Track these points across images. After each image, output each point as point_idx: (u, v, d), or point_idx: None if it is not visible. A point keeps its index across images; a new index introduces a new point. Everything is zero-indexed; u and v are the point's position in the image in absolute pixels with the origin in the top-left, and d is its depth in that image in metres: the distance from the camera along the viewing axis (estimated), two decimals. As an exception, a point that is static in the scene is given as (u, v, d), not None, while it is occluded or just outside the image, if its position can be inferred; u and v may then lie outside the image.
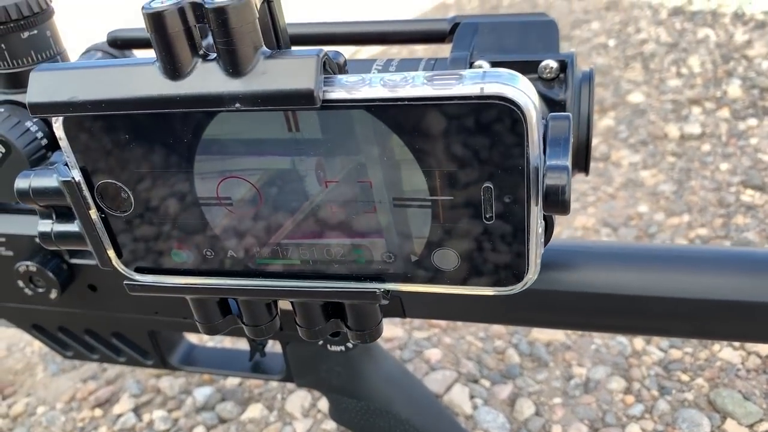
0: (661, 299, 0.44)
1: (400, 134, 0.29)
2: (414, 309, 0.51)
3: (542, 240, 0.32)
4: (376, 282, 0.35)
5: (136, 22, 0.42)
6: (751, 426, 0.71)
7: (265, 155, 0.31)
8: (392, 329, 0.90)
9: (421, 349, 0.86)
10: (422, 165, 0.30)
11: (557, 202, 0.29)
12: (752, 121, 1.29)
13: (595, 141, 1.30)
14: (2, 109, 0.45)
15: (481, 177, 0.30)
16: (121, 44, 0.50)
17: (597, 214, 1.11)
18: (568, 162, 0.29)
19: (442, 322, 0.90)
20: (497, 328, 0.88)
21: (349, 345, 0.55)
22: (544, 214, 0.30)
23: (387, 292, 0.35)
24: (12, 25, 0.44)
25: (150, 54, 0.31)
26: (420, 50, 1.74)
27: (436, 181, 0.30)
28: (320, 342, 0.55)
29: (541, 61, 0.40)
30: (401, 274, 0.34)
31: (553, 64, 0.39)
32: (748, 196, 1.09)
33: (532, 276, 0.32)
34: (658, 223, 1.07)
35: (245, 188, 0.32)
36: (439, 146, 0.29)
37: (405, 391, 0.61)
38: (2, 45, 0.45)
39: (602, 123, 1.40)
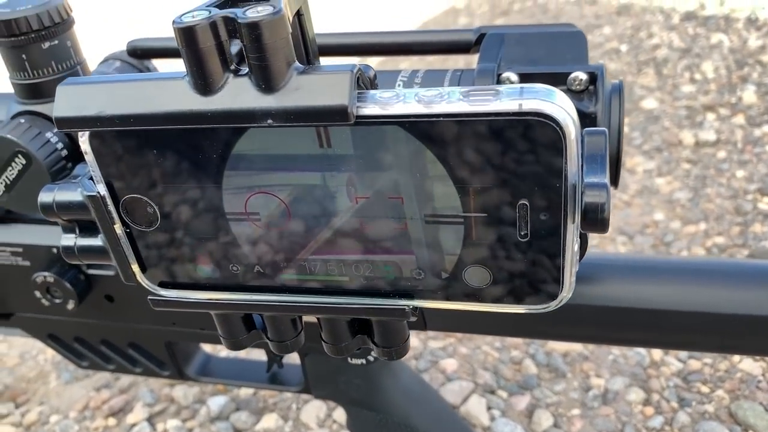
0: (686, 313, 0.43)
1: (434, 150, 0.29)
2: (435, 321, 0.50)
3: (577, 258, 0.31)
4: (405, 299, 0.34)
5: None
6: (773, 439, 0.71)
7: (295, 171, 0.31)
8: (407, 338, 0.89)
9: (437, 359, 0.86)
10: (456, 181, 0.29)
11: (596, 220, 0.28)
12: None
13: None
14: (23, 120, 0.45)
15: (517, 194, 0.29)
16: (140, 54, 0.50)
17: (613, 222, 1.10)
18: (607, 179, 0.28)
19: (458, 333, 0.89)
20: (513, 339, 0.87)
21: (370, 358, 0.54)
22: (580, 232, 0.30)
23: (416, 309, 0.34)
24: (33, 35, 0.44)
25: (168, 64, 0.30)
26: (432, 60, 1.74)
27: (470, 197, 0.30)
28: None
29: (570, 73, 0.39)
30: (431, 291, 0.33)
31: (582, 75, 0.39)
32: (766, 203, 1.08)
33: (566, 294, 0.32)
34: (674, 231, 1.06)
35: (274, 204, 0.32)
36: (473, 162, 0.29)
37: (424, 404, 0.60)
38: (23, 55, 0.44)
39: (616, 129, 1.39)
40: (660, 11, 1.98)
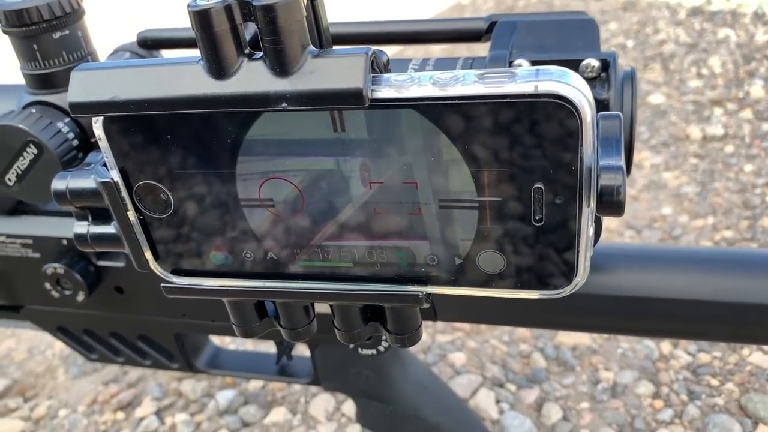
0: (698, 302, 0.43)
1: (449, 134, 0.28)
2: (446, 312, 0.50)
3: (592, 242, 0.31)
4: (419, 285, 0.34)
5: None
6: (783, 432, 0.70)
7: (309, 156, 0.31)
8: (415, 332, 0.89)
9: (445, 352, 0.85)
10: (470, 165, 0.29)
11: (612, 203, 0.28)
12: (776, 122, 1.28)
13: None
14: (34, 110, 0.45)
15: (532, 178, 0.29)
16: (151, 44, 0.50)
17: (621, 217, 1.09)
18: (622, 161, 0.28)
19: (466, 326, 0.89)
20: (522, 332, 0.87)
21: (381, 348, 0.54)
22: (595, 216, 0.30)
23: (429, 295, 0.34)
24: (44, 25, 0.44)
25: (178, 55, 0.30)
26: (437, 50, 1.74)
27: (485, 181, 0.30)
28: (351, 345, 0.55)
29: (582, 60, 0.39)
30: (445, 277, 0.33)
31: (594, 63, 0.39)
32: (774, 198, 1.08)
33: (581, 279, 0.32)
34: (682, 225, 1.06)
35: (288, 189, 0.32)
36: (488, 146, 0.28)
37: (434, 396, 0.60)
38: (34, 45, 0.44)
39: (622, 124, 1.38)
40: (666, 6, 1.97)
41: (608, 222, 1.08)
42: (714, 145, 1.26)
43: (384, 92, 0.28)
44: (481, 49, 0.44)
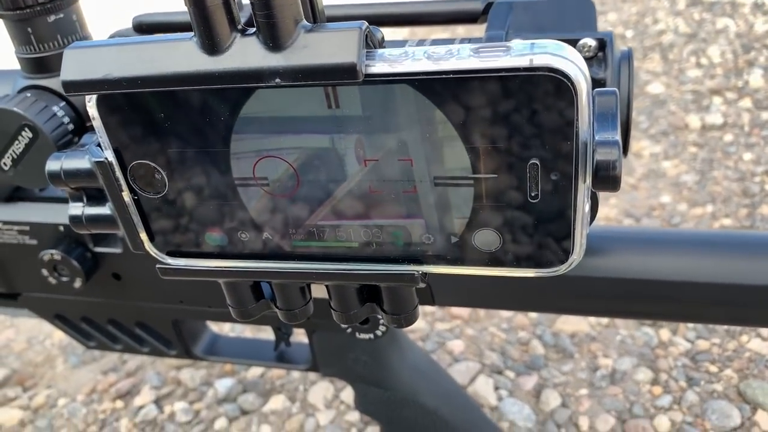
0: (697, 284, 0.43)
1: (444, 109, 0.28)
2: (443, 296, 0.50)
3: (588, 219, 0.31)
4: (415, 264, 0.34)
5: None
6: (782, 417, 0.70)
7: (303, 133, 0.30)
8: (414, 321, 0.89)
9: (444, 340, 0.85)
10: (466, 142, 0.29)
11: (608, 178, 0.28)
12: (775, 111, 1.28)
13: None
14: (29, 94, 0.45)
15: (527, 153, 0.29)
16: (146, 29, 0.50)
17: (619, 205, 1.09)
18: (618, 136, 0.28)
19: (465, 314, 0.89)
20: (520, 319, 0.87)
21: (378, 333, 0.54)
22: (591, 192, 0.30)
23: (425, 274, 0.34)
24: (38, 8, 0.43)
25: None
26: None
27: (480, 158, 0.29)
28: (349, 330, 0.54)
29: (579, 40, 0.39)
30: (441, 256, 0.33)
31: (591, 42, 0.38)
32: (773, 186, 1.08)
33: (577, 257, 0.31)
34: (681, 213, 1.06)
35: (282, 168, 0.32)
36: (483, 121, 0.28)
37: (432, 382, 0.60)
38: (28, 29, 0.44)
39: (621, 114, 1.38)
40: (665, -3, 1.97)
41: (608, 211, 1.08)
42: (713, 134, 1.26)
43: (378, 67, 0.28)
44: (479, 31, 0.44)
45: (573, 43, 0.39)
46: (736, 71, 1.44)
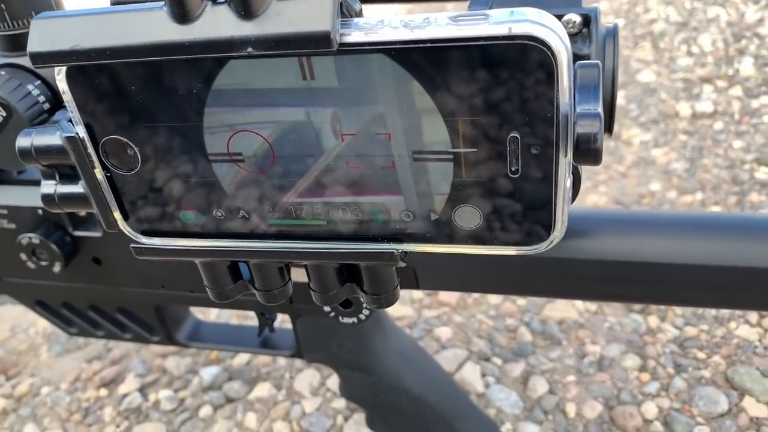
0: (686, 266, 0.43)
1: (421, 81, 0.28)
2: (428, 280, 0.50)
3: (570, 195, 0.30)
4: (394, 242, 0.33)
5: None
6: (769, 403, 0.70)
7: (278, 107, 0.30)
8: (401, 308, 0.88)
9: (431, 327, 0.85)
10: (444, 114, 0.28)
11: (589, 150, 0.27)
12: (765, 99, 1.27)
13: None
14: (3, 72, 0.44)
15: (507, 126, 0.28)
16: (124, 2, 0.49)
17: (609, 193, 1.09)
18: (600, 108, 0.27)
19: (452, 300, 0.88)
20: (508, 306, 0.87)
21: (362, 317, 0.53)
22: (572, 167, 0.29)
23: (405, 253, 0.33)
24: (12, -17, 0.42)
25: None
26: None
27: (459, 132, 0.29)
28: (332, 314, 0.54)
29: (563, 15, 0.38)
30: (421, 234, 0.32)
31: (576, 18, 0.38)
32: (763, 173, 1.07)
33: (558, 234, 0.31)
34: (670, 201, 1.05)
35: (257, 143, 0.31)
36: (462, 93, 0.28)
37: (417, 367, 0.60)
38: (2, 5, 0.43)
39: (612, 102, 1.38)
40: (657, -14, 1.96)
41: (597, 198, 1.08)
42: (703, 122, 1.26)
43: (353, 36, 0.27)
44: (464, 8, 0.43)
45: (557, 18, 0.38)
46: (726, 59, 1.44)
